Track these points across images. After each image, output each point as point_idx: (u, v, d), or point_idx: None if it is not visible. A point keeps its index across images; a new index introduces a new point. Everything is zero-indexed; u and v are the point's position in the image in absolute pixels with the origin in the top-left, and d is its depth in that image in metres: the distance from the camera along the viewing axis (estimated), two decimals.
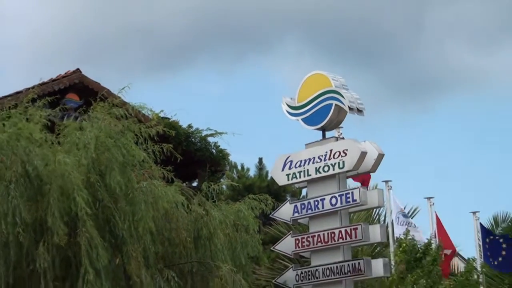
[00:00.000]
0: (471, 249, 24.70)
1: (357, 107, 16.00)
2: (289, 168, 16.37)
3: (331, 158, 15.79)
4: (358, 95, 16.17)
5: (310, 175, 16.09)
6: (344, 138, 17.16)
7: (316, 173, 16.00)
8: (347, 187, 16.01)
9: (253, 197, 15.56)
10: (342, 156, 15.65)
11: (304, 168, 16.16)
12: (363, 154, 15.57)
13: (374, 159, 15.79)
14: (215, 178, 22.63)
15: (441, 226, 23.24)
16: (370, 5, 54.55)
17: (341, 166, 15.65)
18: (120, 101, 14.01)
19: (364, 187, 15.84)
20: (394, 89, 63.49)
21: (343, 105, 15.97)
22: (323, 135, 16.42)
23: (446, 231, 23.10)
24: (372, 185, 21.71)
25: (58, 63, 56.77)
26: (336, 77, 16.29)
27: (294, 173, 16.33)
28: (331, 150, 15.83)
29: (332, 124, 16.36)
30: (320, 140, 16.37)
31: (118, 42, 58.77)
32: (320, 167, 15.94)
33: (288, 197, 23.31)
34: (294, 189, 26.41)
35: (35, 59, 57.01)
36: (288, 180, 16.50)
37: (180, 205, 13.90)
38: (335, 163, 15.73)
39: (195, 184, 23.28)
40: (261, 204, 15.47)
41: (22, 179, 12.35)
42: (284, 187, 24.29)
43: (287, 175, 16.43)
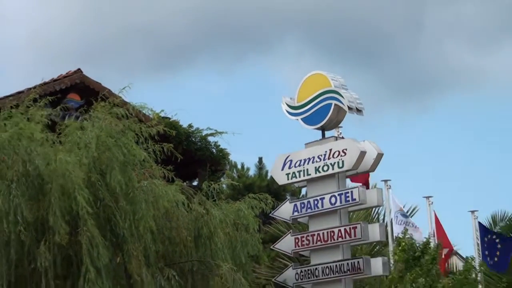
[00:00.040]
0: (470, 248, 24.79)
1: (356, 107, 16.05)
2: (289, 167, 16.42)
3: (331, 157, 15.84)
4: (357, 95, 16.22)
5: (309, 175, 16.14)
6: (343, 137, 17.21)
7: (315, 173, 16.04)
8: (347, 187, 16.08)
9: (253, 196, 15.54)
10: (341, 155, 15.70)
11: (303, 167, 16.21)
12: (363, 153, 15.63)
13: (373, 159, 15.85)
14: (215, 177, 22.61)
15: (439, 225, 23.25)
16: (370, 5, 54.59)
17: (341, 165, 15.70)
18: (121, 101, 13.98)
19: (363, 186, 15.91)
20: (394, 89, 63.53)
21: (342, 105, 16.02)
22: (323, 135, 16.46)
23: (444, 230, 23.13)
24: (371, 184, 21.75)
25: (59, 63, 56.84)
26: (335, 77, 16.34)
27: (293, 173, 16.38)
28: (330, 149, 15.88)
29: (331, 123, 16.40)
30: (319, 139, 16.41)
31: (118, 42, 58.79)
32: (319, 166, 15.99)
33: (288, 196, 23.29)
34: (293, 188, 26.40)
35: (36, 59, 57.06)
36: (288, 179, 16.55)
37: (180, 204, 13.88)
38: (335, 163, 15.78)
39: (195, 183, 23.23)
40: (261, 203, 15.45)
41: (23, 178, 12.34)
42: (284, 186, 24.23)
43: (287, 174, 16.48)
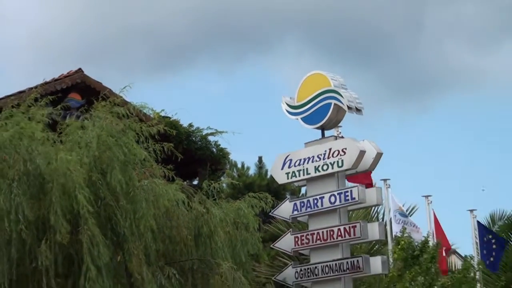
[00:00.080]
0: (469, 247, 24.81)
1: (355, 107, 16.10)
2: (289, 166, 16.47)
3: (330, 156, 15.89)
4: (356, 95, 16.26)
5: (309, 174, 16.18)
6: (343, 137, 17.25)
7: (315, 172, 16.10)
8: (346, 186, 16.14)
9: (253, 195, 15.52)
10: (341, 154, 15.75)
11: (303, 166, 16.26)
12: (362, 152, 15.68)
13: (372, 158, 15.90)
14: (215, 176, 22.60)
15: (438, 224, 23.30)
16: (370, 5, 54.62)
17: (340, 164, 15.75)
18: (121, 100, 13.95)
19: (362, 185, 15.94)
20: (393, 89, 63.57)
21: (342, 104, 16.07)
22: (322, 134, 16.51)
23: (442, 229, 23.16)
24: None
25: (60, 63, 56.77)
26: (335, 76, 16.38)
27: (293, 172, 16.43)
28: (330, 149, 15.92)
29: (331, 123, 16.45)
30: (319, 139, 16.46)
31: (119, 42, 58.82)
32: (319, 165, 16.04)
33: (287, 196, 23.36)
34: (293, 188, 26.40)
35: (37, 59, 57.14)
36: (287, 178, 16.61)
37: (180, 203, 13.86)
38: (334, 162, 15.83)
39: (195, 182, 23.22)
40: (261, 202, 15.43)
41: (24, 177, 12.32)
42: (283, 186, 24.25)
43: (287, 173, 16.53)
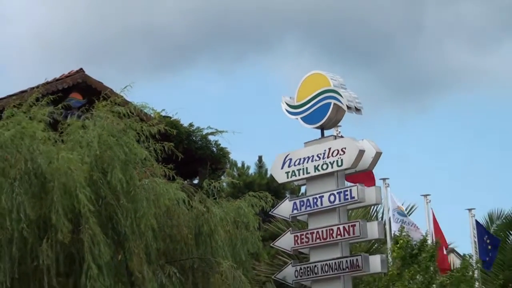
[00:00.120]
0: (467, 245, 24.86)
1: (355, 106, 16.16)
2: (289, 166, 16.54)
3: (330, 156, 15.95)
4: (356, 95, 16.32)
5: (309, 173, 16.25)
6: (342, 136, 17.29)
7: (315, 171, 16.16)
8: (345, 185, 16.19)
9: (253, 194, 15.52)
10: (340, 154, 15.81)
11: (303, 166, 16.32)
12: (361, 152, 15.75)
13: (372, 157, 15.96)
14: (215, 176, 22.61)
15: (435, 223, 23.35)
16: (369, 5, 54.67)
17: (340, 164, 15.82)
18: (122, 100, 13.97)
19: (361, 184, 15.99)
20: (393, 89, 63.60)
21: (341, 104, 16.13)
22: (322, 134, 16.57)
23: (440, 228, 23.22)
24: None
25: (61, 63, 56.81)
26: (334, 76, 16.44)
27: (293, 171, 16.49)
28: (329, 148, 15.98)
29: (330, 122, 16.51)
30: (319, 138, 16.53)
31: (120, 42, 58.85)
32: (318, 165, 16.10)
33: (287, 195, 23.38)
34: (293, 187, 26.39)
35: (39, 59, 57.17)
36: (287, 177, 16.68)
37: (181, 202, 13.87)
38: (334, 161, 15.89)
39: (196, 181, 23.25)
40: (261, 201, 15.44)
41: (26, 176, 12.32)
42: (283, 185, 24.35)
43: (287, 173, 16.60)
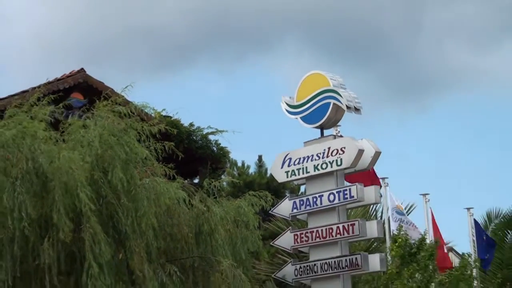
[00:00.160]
0: (466, 244, 24.93)
1: (354, 106, 16.23)
2: (288, 165, 16.61)
3: (329, 155, 16.03)
4: (355, 94, 16.39)
5: (308, 172, 16.33)
6: (342, 136, 17.34)
7: (314, 170, 16.24)
8: (345, 184, 16.25)
9: (253, 193, 15.57)
10: (340, 153, 15.89)
11: (302, 165, 16.40)
12: (360, 151, 15.82)
13: (371, 157, 16.04)
14: (216, 175, 22.63)
15: (434, 222, 23.39)
16: (369, 5, 54.72)
17: (339, 163, 15.90)
18: (123, 100, 13.98)
19: (361, 183, 16.04)
20: (393, 89, 63.65)
21: (340, 104, 16.20)
22: (322, 133, 16.65)
23: (438, 227, 23.28)
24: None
25: (63, 63, 56.92)
26: (334, 76, 16.50)
27: (293, 170, 16.57)
28: (329, 147, 16.06)
29: (330, 122, 16.59)
30: (318, 138, 16.60)
31: (121, 42, 58.87)
32: (318, 164, 16.18)
33: (287, 194, 23.44)
34: (293, 186, 26.39)
35: (40, 59, 57.19)
36: (287, 177, 16.76)
37: (181, 202, 13.91)
38: (333, 161, 15.98)
39: (196, 181, 23.29)
40: (261, 200, 15.49)
41: (27, 175, 12.34)
42: (283, 184, 24.37)
43: (286, 172, 16.69)
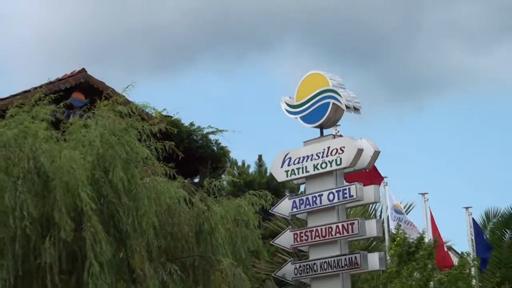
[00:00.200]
0: (464, 243, 24.99)
1: (353, 106, 16.28)
2: (288, 164, 16.66)
3: (329, 155, 16.08)
4: (354, 94, 16.43)
5: (308, 172, 16.38)
6: (341, 135, 17.38)
7: (314, 170, 16.29)
8: (344, 184, 16.28)
9: (253, 193, 15.60)
10: (339, 153, 15.93)
11: (302, 164, 16.45)
12: (360, 151, 15.87)
13: (370, 156, 16.09)
14: (216, 174, 22.72)
15: (433, 221, 23.47)
16: (369, 6, 54.80)
17: (338, 163, 15.95)
18: (124, 99, 14.01)
19: (360, 183, 16.08)
20: (392, 88, 63.72)
21: (340, 103, 16.25)
22: (321, 133, 16.69)
23: (436, 226, 23.34)
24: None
25: (64, 63, 56.99)
26: (333, 76, 16.54)
27: (292, 170, 16.61)
28: (328, 147, 16.10)
29: (329, 122, 16.64)
30: (318, 137, 16.64)
31: (121, 43, 58.95)
32: (318, 163, 16.23)
33: (287, 193, 23.55)
34: (292, 185, 26.50)
35: (42, 59, 57.29)
36: (287, 176, 16.81)
37: (182, 201, 13.94)
38: (333, 160, 16.03)
39: (196, 180, 23.35)
40: (261, 199, 15.52)
41: (29, 175, 12.35)
42: (283, 183, 24.42)
43: (286, 171, 16.72)
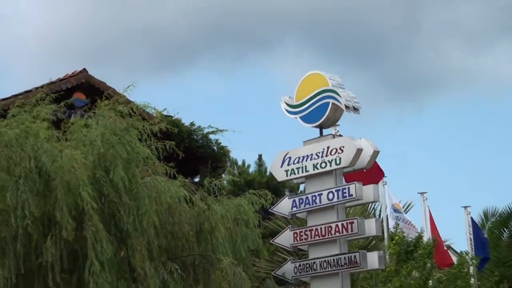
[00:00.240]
0: (463, 242, 25.07)
1: (353, 106, 16.32)
2: (288, 164, 16.69)
3: (328, 154, 16.12)
4: (354, 94, 16.46)
5: (308, 171, 16.41)
6: (341, 135, 17.43)
7: (313, 169, 16.32)
8: (343, 183, 16.34)
9: (253, 192, 15.64)
10: (338, 152, 15.97)
11: (302, 164, 16.48)
12: (359, 151, 15.92)
13: (369, 156, 16.12)
14: (216, 174, 22.78)
15: (432, 220, 23.55)
16: (368, 6, 54.87)
17: (338, 162, 15.99)
18: (125, 99, 14.04)
19: (359, 182, 16.10)
20: (392, 88, 63.82)
21: (339, 103, 16.29)
22: (321, 133, 16.73)
23: (435, 225, 23.42)
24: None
25: (65, 63, 57.09)
26: (333, 76, 16.57)
27: (292, 169, 16.65)
28: (328, 147, 16.14)
29: (329, 122, 16.68)
30: (317, 137, 16.67)
31: (122, 43, 59.03)
32: (317, 163, 16.26)
33: (286, 192, 23.63)
34: (292, 185, 26.57)
35: (43, 59, 57.39)
36: (286, 176, 16.84)
37: (182, 200, 13.95)
38: (332, 160, 16.07)
39: (197, 179, 23.41)
40: (261, 199, 15.55)
41: (30, 174, 12.39)
42: (283, 183, 24.48)
43: (286, 171, 16.75)
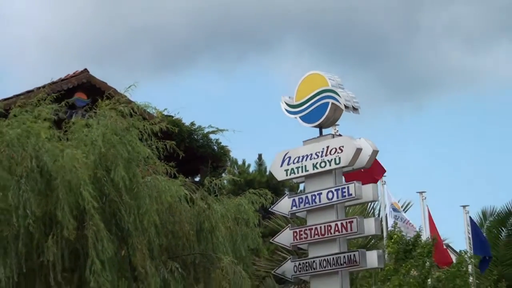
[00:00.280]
0: (462, 241, 25.14)
1: (352, 106, 16.39)
2: (288, 164, 16.76)
3: (328, 154, 16.19)
4: (353, 94, 16.52)
5: (307, 171, 16.48)
6: (340, 135, 17.48)
7: (313, 169, 16.40)
8: (343, 182, 16.41)
9: (253, 191, 15.64)
10: (338, 152, 16.04)
11: (302, 164, 16.55)
12: (358, 150, 15.99)
13: (369, 155, 16.19)
14: (216, 173, 22.85)
15: (430, 219, 23.61)
16: (368, 6, 54.95)
17: (337, 162, 16.07)
18: (125, 99, 14.09)
19: (358, 181, 16.17)
20: (392, 88, 63.90)
21: (339, 103, 16.36)
22: (320, 132, 16.81)
23: (434, 224, 23.48)
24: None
25: (66, 63, 57.17)
26: (332, 76, 16.63)
27: (292, 169, 16.72)
28: (327, 146, 16.21)
29: (328, 121, 16.75)
30: (317, 137, 16.74)
31: (123, 43, 59.12)
32: (317, 163, 16.33)
33: (286, 192, 23.70)
34: (292, 184, 26.64)
35: (44, 60, 57.45)
36: (286, 175, 16.91)
37: (183, 199, 14.02)
38: (332, 159, 16.14)
39: (197, 179, 23.49)
40: (260, 198, 15.57)
41: (32, 174, 12.42)
42: (282, 182, 24.57)
43: (286, 170, 16.82)
